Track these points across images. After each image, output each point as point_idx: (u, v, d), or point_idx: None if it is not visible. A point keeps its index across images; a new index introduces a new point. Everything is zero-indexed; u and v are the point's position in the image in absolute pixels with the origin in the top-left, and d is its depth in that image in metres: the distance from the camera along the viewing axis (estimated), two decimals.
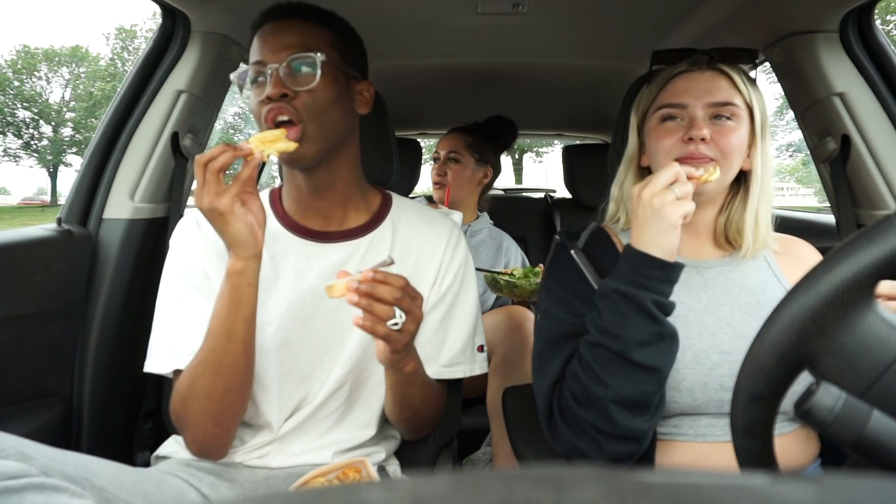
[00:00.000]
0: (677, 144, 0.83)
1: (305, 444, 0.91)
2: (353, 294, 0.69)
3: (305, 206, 0.92)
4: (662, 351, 0.75)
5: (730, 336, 0.82)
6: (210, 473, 0.87)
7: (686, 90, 0.84)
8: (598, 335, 0.76)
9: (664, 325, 0.74)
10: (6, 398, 1.03)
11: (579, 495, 0.17)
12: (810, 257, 0.93)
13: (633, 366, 0.73)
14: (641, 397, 0.74)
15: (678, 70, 0.86)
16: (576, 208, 2.39)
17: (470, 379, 1.01)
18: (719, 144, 0.82)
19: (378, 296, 0.70)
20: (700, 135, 0.80)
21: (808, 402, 0.45)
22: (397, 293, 0.71)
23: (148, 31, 28.89)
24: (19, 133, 28.01)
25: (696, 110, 0.83)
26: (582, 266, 0.88)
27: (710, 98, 0.83)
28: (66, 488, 0.63)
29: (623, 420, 0.74)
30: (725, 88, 0.83)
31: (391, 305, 0.71)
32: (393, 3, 1.29)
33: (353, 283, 0.70)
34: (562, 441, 0.80)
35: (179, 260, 0.90)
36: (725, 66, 0.84)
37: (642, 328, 0.73)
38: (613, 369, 0.74)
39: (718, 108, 0.83)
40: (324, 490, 0.18)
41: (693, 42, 1.42)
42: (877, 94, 1.18)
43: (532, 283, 1.57)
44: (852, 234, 0.44)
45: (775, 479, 0.18)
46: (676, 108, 0.84)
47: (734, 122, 0.83)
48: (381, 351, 0.76)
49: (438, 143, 1.92)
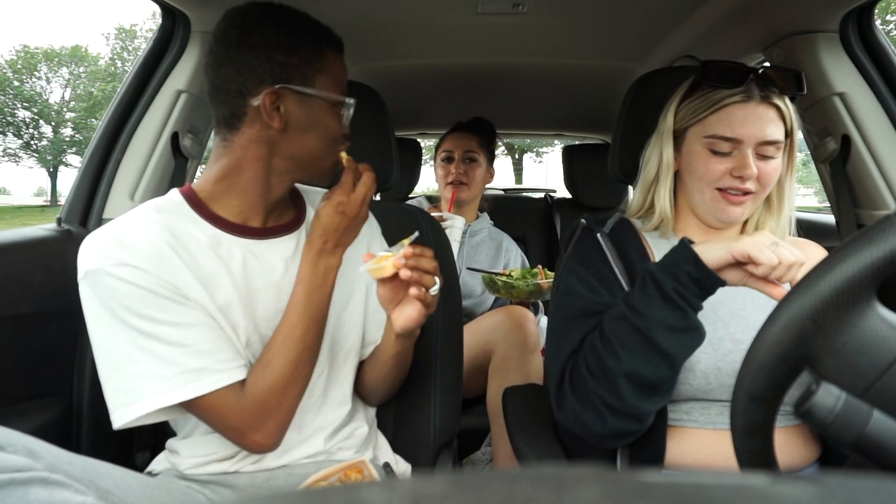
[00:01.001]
0: (724, 177, 0.85)
1: (296, 436, 0.90)
2: (405, 269, 0.77)
3: (250, 209, 0.87)
4: (683, 341, 0.76)
5: (742, 327, 0.84)
6: (209, 483, 0.86)
7: (741, 124, 0.84)
8: (624, 309, 0.78)
9: (689, 315, 0.75)
10: (6, 398, 1.03)
11: (579, 495, 0.17)
12: (819, 258, 0.95)
13: (651, 346, 0.75)
14: (652, 379, 0.76)
15: (733, 100, 0.85)
16: (576, 208, 2.39)
17: (469, 379, 1.02)
18: (761, 179, 0.85)
19: (422, 267, 0.78)
20: (750, 174, 0.83)
21: (808, 402, 0.45)
22: (434, 262, 0.80)
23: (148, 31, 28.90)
24: (19, 133, 28.02)
25: (748, 148, 0.84)
26: (607, 250, 0.90)
27: (762, 136, 0.83)
28: (69, 485, 0.63)
29: (630, 397, 0.76)
30: (775, 123, 0.84)
31: (433, 274, 0.80)
32: (393, 3, 1.29)
33: (399, 261, 0.77)
34: (567, 411, 0.82)
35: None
36: (776, 99, 0.85)
37: (666, 312, 0.75)
38: (631, 345, 0.76)
39: (767, 146, 0.84)
40: (324, 490, 0.18)
41: (693, 42, 1.43)
42: (877, 94, 1.18)
43: (529, 284, 1.56)
44: (852, 234, 0.44)
45: (775, 479, 0.18)
46: (730, 142, 0.85)
47: (778, 156, 0.86)
48: (415, 319, 0.82)
49: (447, 142, 1.88)
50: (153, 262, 0.76)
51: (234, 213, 0.86)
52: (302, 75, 0.82)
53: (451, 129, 1.93)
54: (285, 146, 0.84)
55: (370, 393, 1.02)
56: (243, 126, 0.82)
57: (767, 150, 0.84)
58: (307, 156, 0.86)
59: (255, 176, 0.84)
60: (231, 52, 0.81)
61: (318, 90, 0.83)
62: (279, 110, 0.81)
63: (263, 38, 0.81)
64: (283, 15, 0.84)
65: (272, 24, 0.82)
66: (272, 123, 0.81)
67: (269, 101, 0.80)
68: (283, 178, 0.87)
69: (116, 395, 0.76)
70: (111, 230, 0.79)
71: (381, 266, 0.79)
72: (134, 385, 0.75)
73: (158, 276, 0.76)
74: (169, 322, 0.76)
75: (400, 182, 2.29)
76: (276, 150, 0.84)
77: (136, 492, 0.73)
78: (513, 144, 22.46)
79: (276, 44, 0.81)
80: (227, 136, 0.84)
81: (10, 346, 1.03)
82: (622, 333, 0.77)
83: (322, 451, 0.92)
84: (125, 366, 0.75)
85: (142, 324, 0.75)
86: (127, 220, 0.81)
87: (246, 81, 0.80)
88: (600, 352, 0.78)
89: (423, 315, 0.82)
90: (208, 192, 0.86)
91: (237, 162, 0.84)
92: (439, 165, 1.89)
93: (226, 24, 0.84)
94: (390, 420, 1.09)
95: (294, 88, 0.81)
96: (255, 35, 0.81)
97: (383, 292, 0.83)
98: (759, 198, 0.87)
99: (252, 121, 0.82)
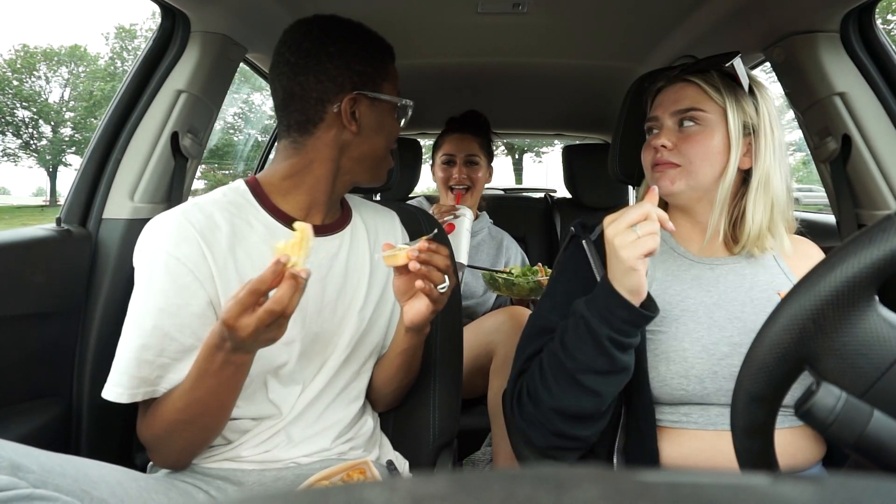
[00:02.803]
0: (652, 154, 0.91)
1: (307, 430, 0.91)
2: (415, 262, 0.79)
3: (314, 205, 0.92)
4: (610, 382, 0.78)
5: (740, 329, 0.83)
6: (217, 478, 0.87)
7: (660, 104, 0.92)
8: (559, 347, 0.80)
9: (616, 360, 0.77)
10: (6, 398, 1.03)
11: (579, 495, 0.17)
12: (817, 255, 0.95)
13: (580, 386, 0.77)
14: (581, 412, 0.79)
15: (657, 86, 0.95)
16: (576, 208, 2.39)
17: (470, 379, 1.02)
18: (683, 150, 0.88)
19: (434, 263, 0.81)
20: (657, 143, 0.89)
21: (808, 403, 0.44)
22: (448, 261, 0.83)
23: (148, 31, 28.90)
24: (18, 133, 28.01)
25: (665, 120, 0.90)
26: (590, 255, 0.91)
27: (676, 107, 0.89)
28: (56, 499, 0.62)
29: (562, 426, 0.80)
30: (692, 96, 0.89)
31: (442, 272, 0.82)
32: (393, 3, 1.29)
33: (413, 253, 0.80)
34: (516, 424, 0.87)
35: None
36: (694, 76, 0.90)
37: (595, 358, 0.77)
38: (562, 382, 0.79)
39: (683, 114, 0.89)
40: (325, 490, 0.18)
41: (693, 42, 1.43)
42: (877, 94, 1.18)
43: (530, 281, 1.57)
44: (853, 234, 0.44)
45: (775, 479, 0.18)
46: (652, 121, 0.93)
47: (700, 126, 0.88)
48: (423, 313, 0.85)
49: (448, 145, 1.87)
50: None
51: (298, 208, 0.91)
52: (373, 82, 0.89)
53: (446, 126, 1.91)
54: (355, 148, 0.90)
55: (377, 395, 1.04)
56: (318, 131, 0.88)
57: (684, 117, 0.88)
58: (372, 156, 0.93)
59: (324, 175, 0.90)
60: (311, 62, 0.86)
61: (387, 95, 0.91)
62: (355, 115, 0.88)
63: (342, 48, 0.87)
64: (352, 27, 0.91)
65: (347, 35, 0.89)
66: (350, 127, 0.88)
67: (347, 107, 0.87)
68: (347, 178, 0.93)
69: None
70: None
71: (395, 254, 0.81)
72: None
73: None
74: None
75: (400, 182, 2.30)
76: (346, 151, 0.90)
77: (133, 497, 0.72)
78: (513, 144, 22.45)
79: (353, 53, 0.87)
80: (299, 139, 0.89)
81: (10, 346, 1.03)
82: (554, 369, 0.80)
83: (330, 447, 0.92)
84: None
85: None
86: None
87: (326, 89, 0.86)
88: (536, 382, 0.82)
89: (430, 311, 0.85)
90: (275, 187, 0.91)
91: (308, 162, 0.89)
92: (439, 167, 1.88)
93: (299, 36, 0.88)
94: (390, 420, 1.10)
95: (369, 95, 0.88)
96: (334, 45, 0.87)
97: (398, 283, 0.86)
98: (690, 171, 0.87)
99: (329, 126, 0.88)
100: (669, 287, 0.89)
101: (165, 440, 0.81)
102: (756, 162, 0.88)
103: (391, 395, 1.04)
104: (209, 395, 0.77)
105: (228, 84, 1.40)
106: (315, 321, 0.91)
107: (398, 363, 0.97)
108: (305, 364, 0.91)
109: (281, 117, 0.90)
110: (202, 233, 0.81)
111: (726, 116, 0.87)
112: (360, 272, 0.97)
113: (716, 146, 0.87)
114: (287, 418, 0.90)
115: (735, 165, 0.87)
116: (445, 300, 0.86)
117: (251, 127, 17.77)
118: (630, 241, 0.72)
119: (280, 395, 0.89)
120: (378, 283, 0.99)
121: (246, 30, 1.32)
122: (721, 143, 0.87)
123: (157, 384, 0.80)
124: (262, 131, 14.08)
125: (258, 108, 17.96)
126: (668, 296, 0.88)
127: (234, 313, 0.68)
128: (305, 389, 0.92)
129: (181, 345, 0.80)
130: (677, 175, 0.88)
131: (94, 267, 1.19)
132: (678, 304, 0.87)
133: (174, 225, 0.81)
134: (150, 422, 0.81)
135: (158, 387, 0.80)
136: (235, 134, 17.97)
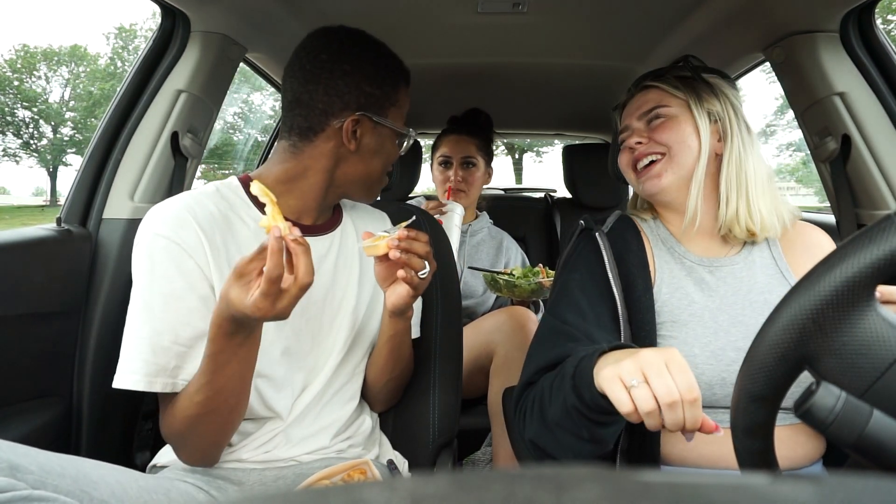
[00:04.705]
0: (629, 155, 0.97)
1: (305, 429, 0.92)
2: (395, 250, 0.80)
3: (305, 210, 0.93)
4: (592, 448, 0.73)
5: (743, 334, 0.84)
6: (218, 478, 0.87)
7: (627, 114, 1.00)
8: (555, 388, 0.74)
9: (594, 433, 0.71)
10: (6, 398, 1.03)
11: (579, 495, 0.17)
12: (821, 242, 0.95)
13: (575, 435, 0.72)
14: (583, 451, 0.73)
15: (621, 102, 1.03)
16: (576, 208, 2.39)
17: (470, 379, 1.02)
18: (657, 139, 0.93)
19: (414, 250, 0.82)
20: (632, 142, 0.95)
21: (808, 402, 0.44)
22: (427, 247, 0.83)
23: (148, 31, 28.88)
24: (19, 133, 28.00)
25: (634, 124, 0.97)
26: (603, 248, 0.91)
27: (641, 110, 0.96)
28: (55, 499, 0.61)
29: (559, 453, 0.75)
30: (654, 98, 0.96)
31: (423, 258, 0.83)
32: (393, 3, 1.29)
33: (392, 242, 0.80)
34: (520, 433, 0.83)
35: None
36: (651, 81, 0.97)
37: (573, 425, 0.71)
38: (564, 420, 0.72)
39: (649, 114, 0.95)
40: (324, 490, 0.18)
41: (693, 42, 1.43)
42: (877, 94, 1.18)
43: (532, 283, 1.56)
44: (853, 234, 0.44)
45: (775, 479, 0.18)
46: (624, 131, 0.99)
47: (668, 118, 0.93)
48: (404, 297, 0.85)
49: (445, 146, 1.86)
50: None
51: (289, 211, 0.91)
52: (380, 106, 0.89)
53: (446, 126, 1.91)
54: (351, 165, 0.91)
55: (372, 391, 1.04)
56: (318, 139, 0.88)
57: (650, 115, 0.95)
58: (366, 176, 0.93)
59: (317, 184, 0.91)
60: (324, 74, 0.86)
61: (390, 122, 0.91)
62: (356, 134, 0.88)
63: (356, 67, 0.87)
64: (373, 46, 0.90)
65: (365, 54, 0.88)
66: (348, 145, 0.88)
67: (350, 126, 0.87)
68: (339, 191, 0.94)
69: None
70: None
71: (376, 244, 0.82)
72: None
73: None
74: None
75: (400, 182, 2.30)
76: (341, 164, 0.90)
77: (133, 498, 0.72)
78: (513, 144, 22.45)
79: (366, 75, 0.87)
80: (298, 144, 0.89)
81: (10, 346, 1.03)
82: (556, 403, 0.73)
83: (329, 445, 0.93)
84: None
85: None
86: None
87: (333, 103, 0.86)
88: (539, 404, 0.77)
89: (411, 295, 0.86)
90: (269, 188, 0.90)
91: (304, 169, 0.89)
92: (436, 168, 1.88)
93: (319, 44, 0.88)
94: (390, 420, 1.10)
95: (373, 119, 0.89)
96: (348, 63, 0.86)
97: (379, 270, 0.88)
98: (671, 157, 0.91)
99: (328, 137, 0.88)
100: (676, 291, 0.89)
101: (189, 435, 0.81)
102: (725, 144, 0.92)
103: (385, 390, 1.03)
104: (230, 381, 0.75)
105: (228, 84, 1.40)
106: (298, 320, 0.91)
107: (387, 351, 0.97)
108: (297, 366, 0.91)
109: (286, 117, 0.90)
110: (199, 222, 0.82)
111: (690, 107, 0.92)
112: (350, 273, 0.98)
113: (686, 130, 0.92)
114: (287, 421, 0.90)
115: (707, 144, 0.90)
116: (426, 284, 0.87)
117: (251, 127, 17.77)
118: (619, 379, 0.62)
119: (276, 399, 0.89)
120: (369, 283, 0.99)
121: (246, 30, 1.32)
122: (691, 128, 0.92)
123: (175, 376, 0.79)
124: (262, 131, 14.03)
125: (258, 108, 17.96)
126: (675, 300, 0.88)
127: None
128: (304, 391, 0.92)
129: (195, 329, 0.79)
130: (662, 167, 0.92)
131: (95, 267, 1.19)
132: (686, 309, 0.87)
133: (172, 212, 0.82)
134: (170, 420, 0.81)
135: (177, 379, 0.79)
136: (235, 134, 17.96)
